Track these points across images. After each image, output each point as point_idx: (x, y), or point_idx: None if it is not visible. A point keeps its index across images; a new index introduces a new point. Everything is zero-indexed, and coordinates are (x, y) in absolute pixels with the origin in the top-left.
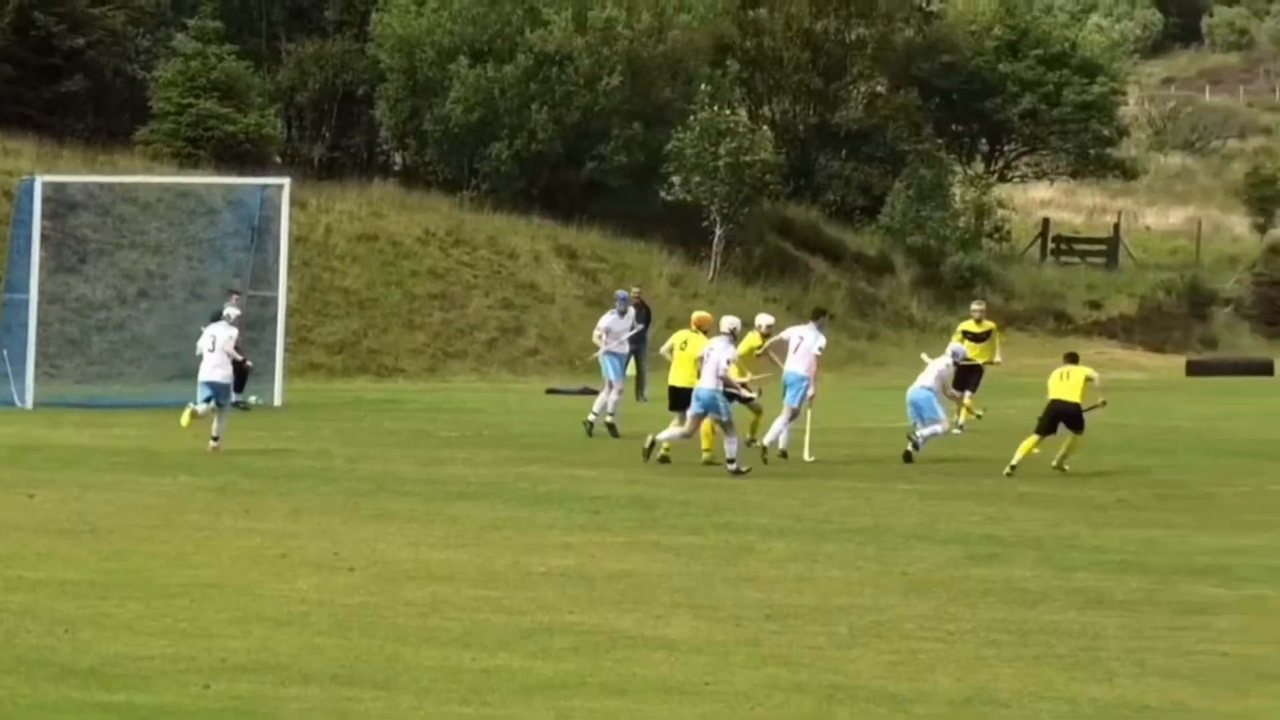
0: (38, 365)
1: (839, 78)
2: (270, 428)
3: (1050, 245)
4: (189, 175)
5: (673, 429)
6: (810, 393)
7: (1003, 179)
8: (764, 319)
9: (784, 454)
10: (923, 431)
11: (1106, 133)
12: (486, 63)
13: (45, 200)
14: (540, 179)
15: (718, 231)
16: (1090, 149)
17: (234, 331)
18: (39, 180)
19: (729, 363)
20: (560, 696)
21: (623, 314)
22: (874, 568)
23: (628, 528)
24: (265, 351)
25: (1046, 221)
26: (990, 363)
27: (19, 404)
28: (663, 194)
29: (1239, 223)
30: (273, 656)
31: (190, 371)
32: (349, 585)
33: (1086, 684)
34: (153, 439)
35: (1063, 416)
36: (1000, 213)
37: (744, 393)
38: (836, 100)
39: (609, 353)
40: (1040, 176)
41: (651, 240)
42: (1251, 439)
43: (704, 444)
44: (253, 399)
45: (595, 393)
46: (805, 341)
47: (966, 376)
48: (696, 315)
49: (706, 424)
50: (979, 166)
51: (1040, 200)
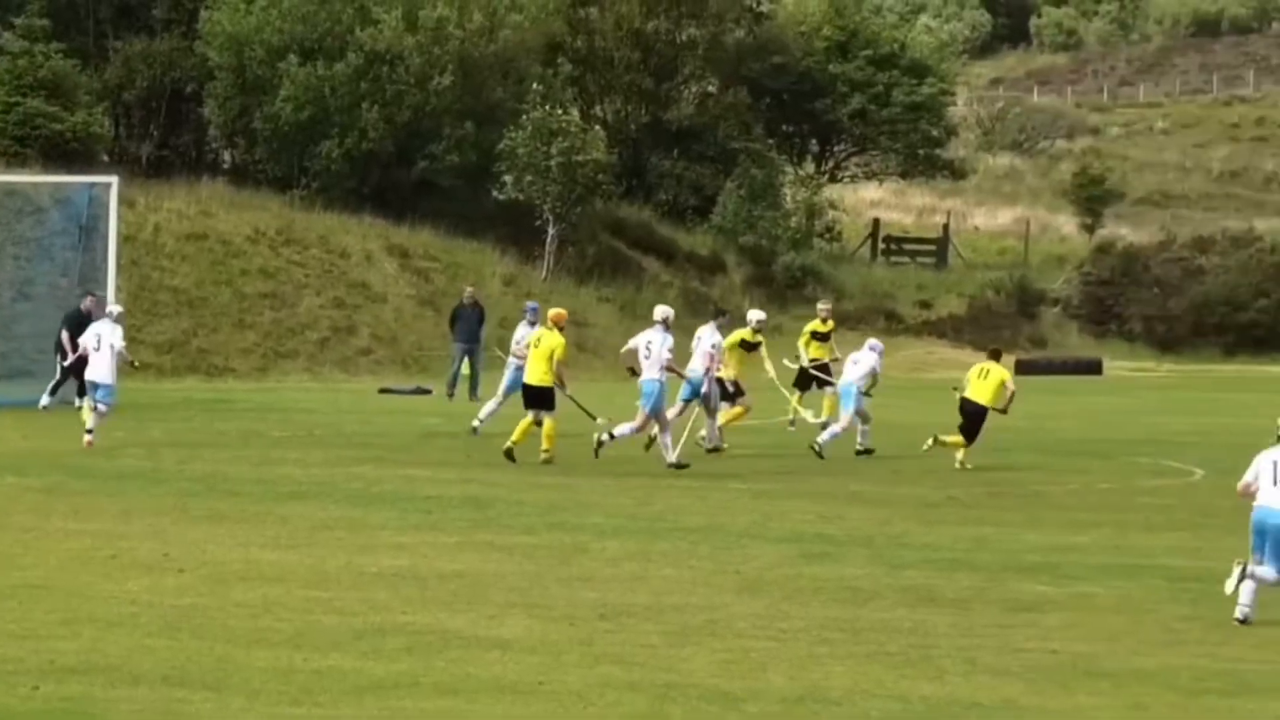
0: None
1: (670, 78)
2: (100, 428)
3: (880, 245)
4: (15, 174)
5: (622, 427)
6: (704, 390)
7: (833, 179)
8: (756, 315)
9: (717, 449)
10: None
11: (935, 133)
12: (317, 61)
13: None
14: (371, 178)
15: (550, 231)
16: (919, 149)
17: (120, 329)
18: None
19: (670, 352)
20: (393, 697)
21: (532, 324)
22: (707, 566)
23: (461, 528)
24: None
25: (877, 221)
26: (834, 360)
27: None
28: (495, 193)
29: (1067, 223)
30: (102, 658)
31: (16, 371)
32: (179, 586)
33: (917, 681)
34: None
35: (965, 415)
36: (831, 213)
37: (680, 370)
38: (668, 100)
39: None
40: (870, 177)
41: (484, 240)
42: (1080, 438)
43: (544, 444)
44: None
45: (428, 392)
46: (702, 341)
47: (810, 377)
48: (553, 312)
49: (549, 424)
50: (810, 167)
51: (870, 200)
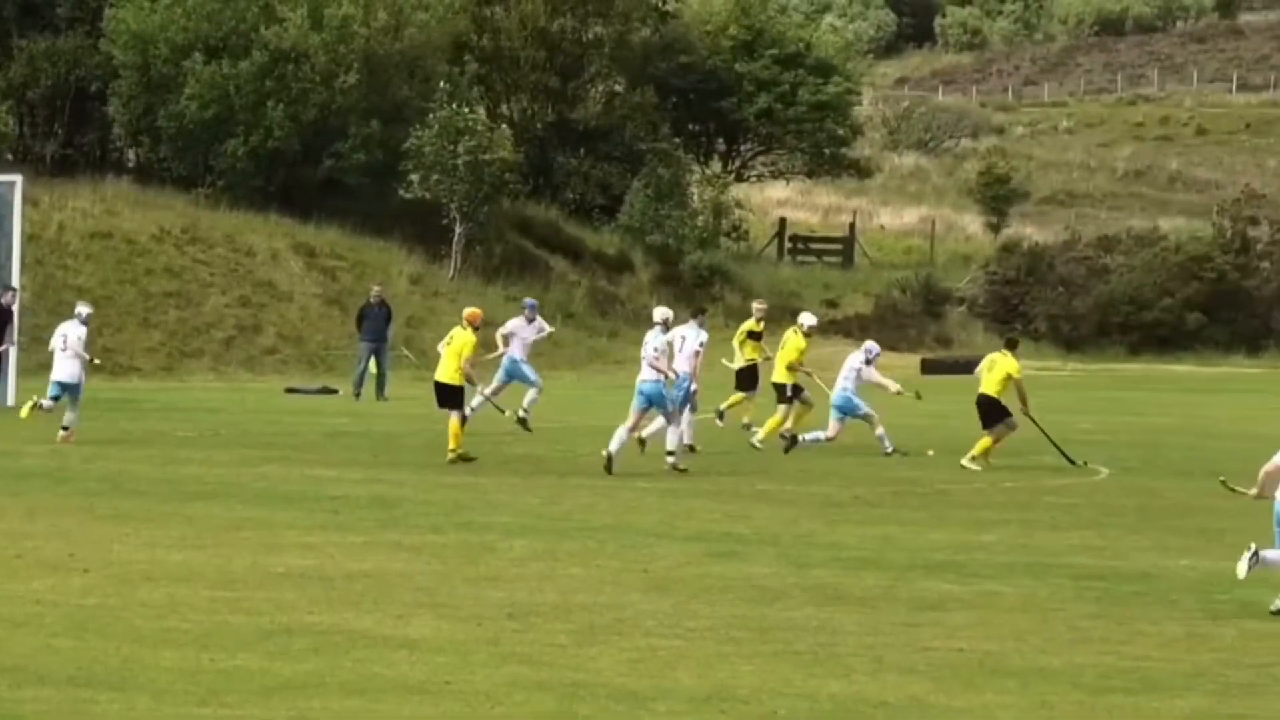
0: None
1: (577, 76)
2: (1, 427)
3: (787, 244)
4: None
5: (621, 432)
6: (693, 388)
7: (740, 178)
8: (809, 318)
9: (692, 448)
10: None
11: (841, 132)
12: (222, 59)
13: None
14: (277, 176)
15: (458, 230)
16: (825, 149)
17: (84, 330)
18: None
19: (658, 351)
20: (300, 697)
21: (530, 320)
22: (615, 565)
23: (368, 527)
24: None
25: (783, 221)
26: (766, 359)
27: None
28: (402, 192)
29: (972, 222)
30: (8, 658)
31: None
32: (85, 586)
33: (825, 680)
34: None
35: (980, 409)
36: (738, 212)
37: (691, 382)
38: (574, 99)
39: (511, 358)
40: (777, 176)
41: (391, 238)
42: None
43: (451, 443)
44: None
45: (334, 392)
46: (687, 341)
47: (747, 377)
48: (468, 311)
49: (454, 423)
50: (716, 166)
51: (777, 199)
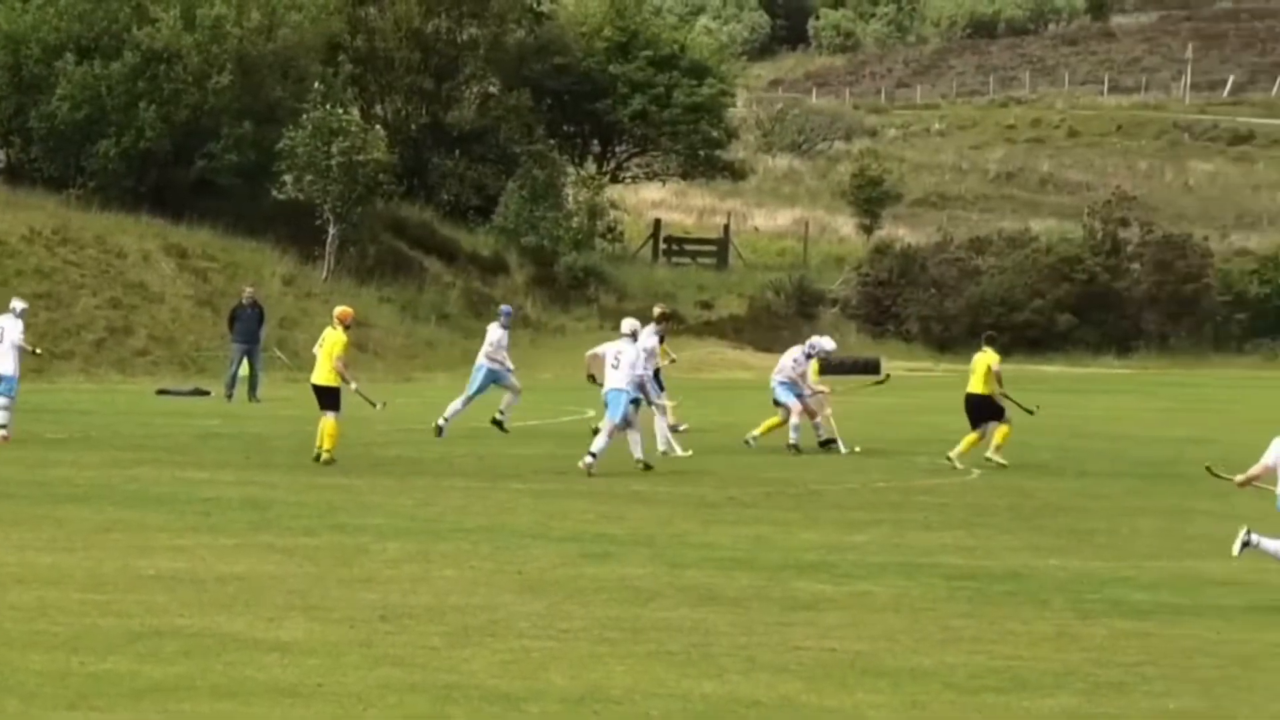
0: None
1: (451, 78)
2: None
3: (662, 246)
4: None
5: (599, 440)
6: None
7: (615, 180)
8: (828, 344)
9: (665, 453)
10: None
11: (715, 134)
12: (94, 60)
13: None
14: (149, 177)
15: (331, 230)
16: (700, 150)
17: (21, 324)
18: None
19: (638, 363)
20: (171, 700)
21: (505, 327)
22: (488, 567)
23: (240, 529)
24: None
25: (658, 222)
26: (672, 362)
27: None
28: (275, 193)
29: (845, 224)
30: None
31: None
32: None
33: (698, 680)
34: None
35: (974, 409)
36: (613, 213)
37: (656, 398)
38: (449, 100)
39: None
40: (651, 177)
41: (264, 239)
42: (858, 437)
43: (325, 444)
44: None
45: (206, 394)
46: (640, 343)
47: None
48: (339, 310)
49: (328, 422)
50: (591, 167)
51: (652, 201)
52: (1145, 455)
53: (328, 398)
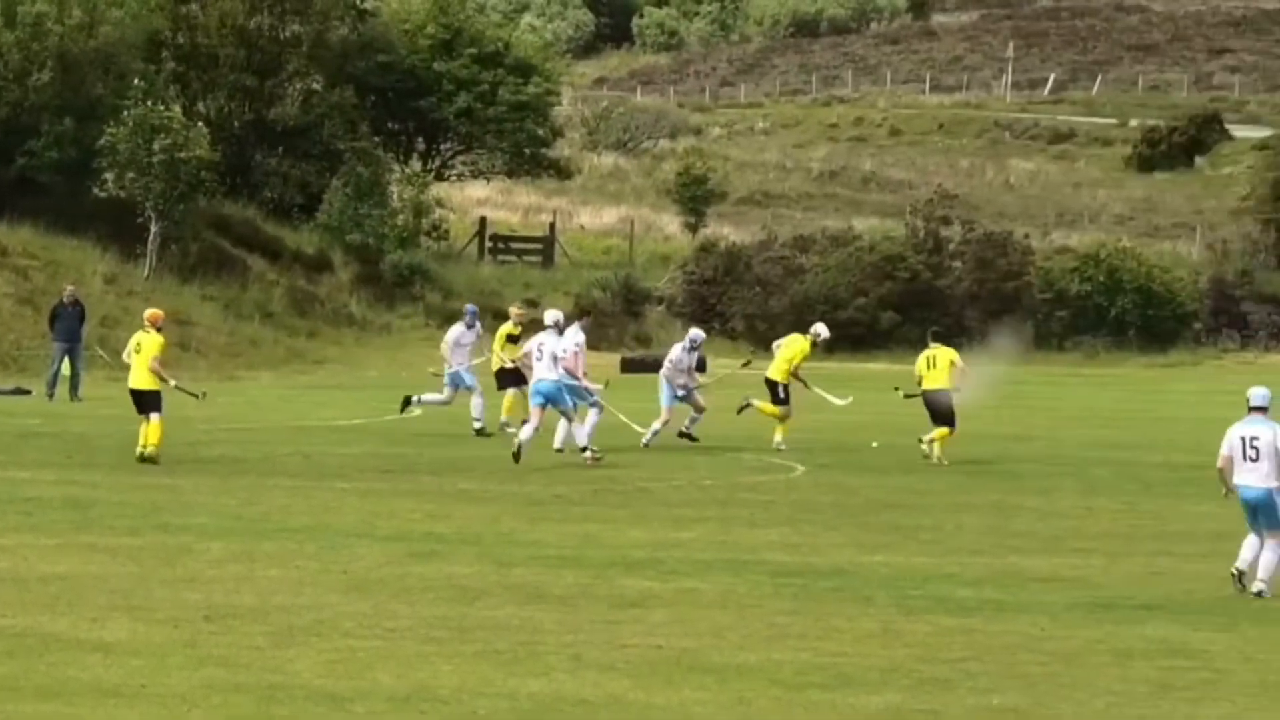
0: None
1: (274, 75)
2: None
3: (488, 244)
4: None
5: (526, 429)
6: (589, 386)
7: (440, 177)
8: (822, 329)
9: (560, 450)
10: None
11: (541, 132)
12: None
13: None
14: None
15: (153, 228)
16: (525, 148)
17: None
18: None
19: (565, 353)
20: None
21: (470, 326)
22: (314, 566)
23: (62, 529)
24: None
25: (483, 220)
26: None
27: None
28: (96, 190)
29: (670, 222)
30: None
31: None
32: None
33: (525, 679)
34: None
35: (934, 405)
36: (438, 211)
37: (588, 384)
38: (272, 98)
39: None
40: (477, 175)
41: (85, 237)
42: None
43: (148, 443)
44: None
45: (28, 393)
46: (565, 341)
47: (508, 378)
48: (149, 312)
49: (152, 423)
50: (416, 165)
51: (477, 199)
52: (969, 451)
53: (148, 401)
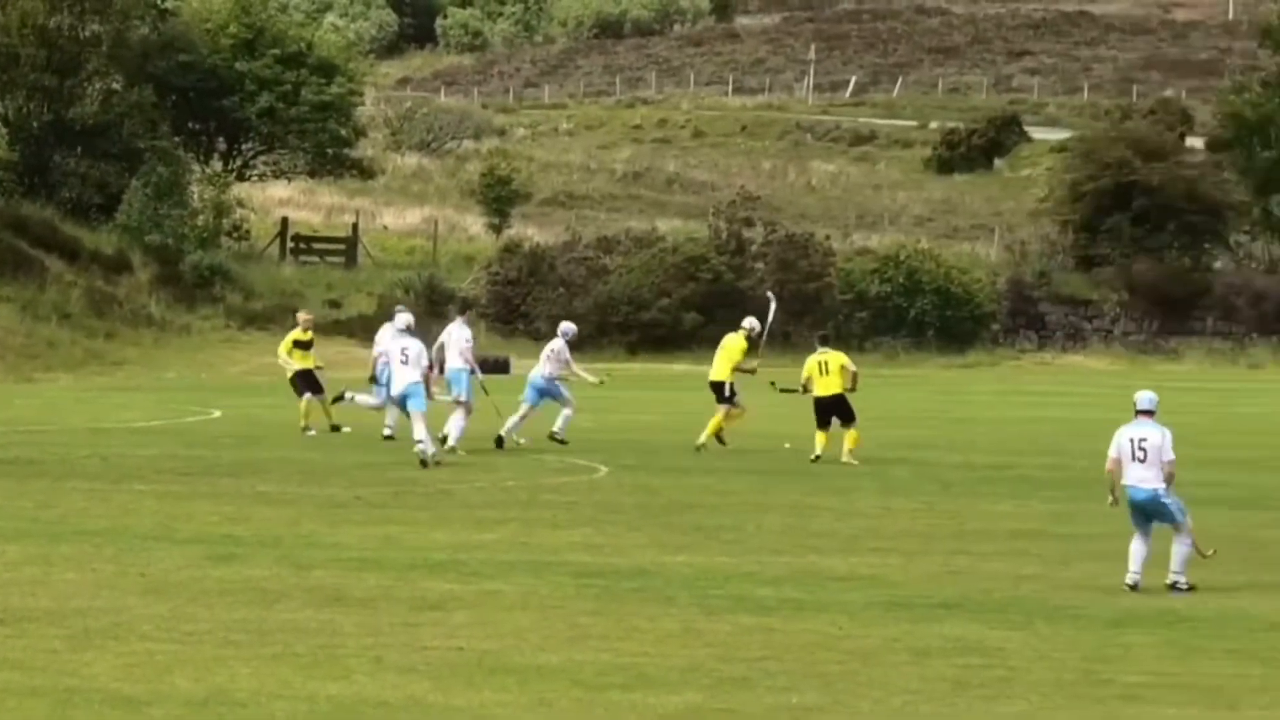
0: None
1: (74, 74)
2: None
3: (290, 244)
4: None
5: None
6: (480, 377)
7: (241, 177)
8: (750, 321)
9: (454, 449)
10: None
11: (344, 133)
12: None
13: None
14: None
15: None
16: (328, 148)
17: None
18: None
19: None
20: None
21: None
22: (111, 569)
23: None
24: None
25: (285, 220)
26: (319, 368)
27: None
28: None
29: (474, 223)
30: None
31: None
32: None
33: (324, 682)
34: None
35: (830, 410)
36: (239, 211)
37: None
38: (71, 97)
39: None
40: (279, 175)
41: None
42: (483, 434)
43: None
44: None
45: None
46: (453, 337)
47: (304, 381)
48: None
49: None
50: (218, 164)
51: (279, 199)
52: (770, 452)
53: None
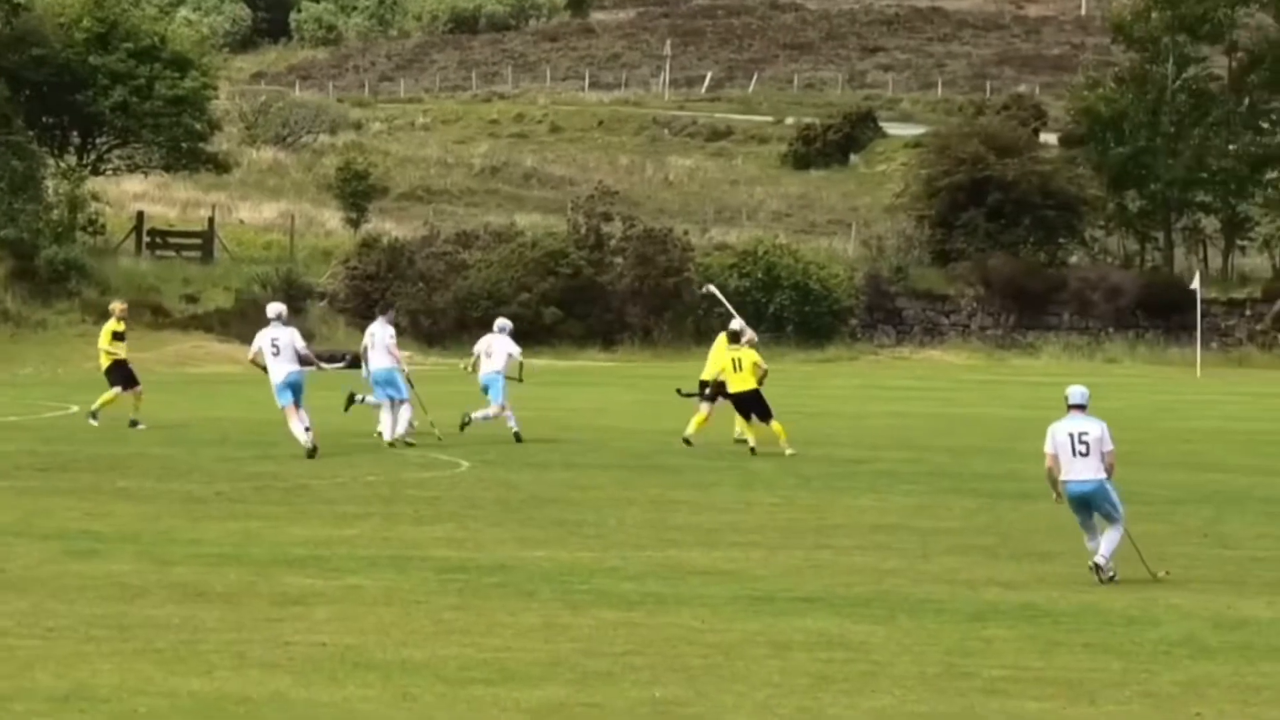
0: None
1: None
2: None
3: (145, 239)
4: None
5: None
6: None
7: (96, 172)
8: (737, 323)
9: (410, 444)
10: (477, 414)
11: (199, 127)
12: None
13: None
14: None
15: None
16: (183, 143)
17: None
18: None
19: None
20: None
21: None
22: None
23: None
24: None
25: (141, 215)
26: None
27: None
28: None
29: (332, 217)
30: None
31: None
32: None
33: (186, 677)
34: None
35: (748, 407)
36: (94, 205)
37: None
38: None
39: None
40: (134, 169)
41: None
42: (343, 430)
43: None
44: None
45: None
46: (376, 336)
47: (119, 374)
48: None
49: None
50: (72, 159)
51: (134, 193)
52: (630, 447)
53: None
